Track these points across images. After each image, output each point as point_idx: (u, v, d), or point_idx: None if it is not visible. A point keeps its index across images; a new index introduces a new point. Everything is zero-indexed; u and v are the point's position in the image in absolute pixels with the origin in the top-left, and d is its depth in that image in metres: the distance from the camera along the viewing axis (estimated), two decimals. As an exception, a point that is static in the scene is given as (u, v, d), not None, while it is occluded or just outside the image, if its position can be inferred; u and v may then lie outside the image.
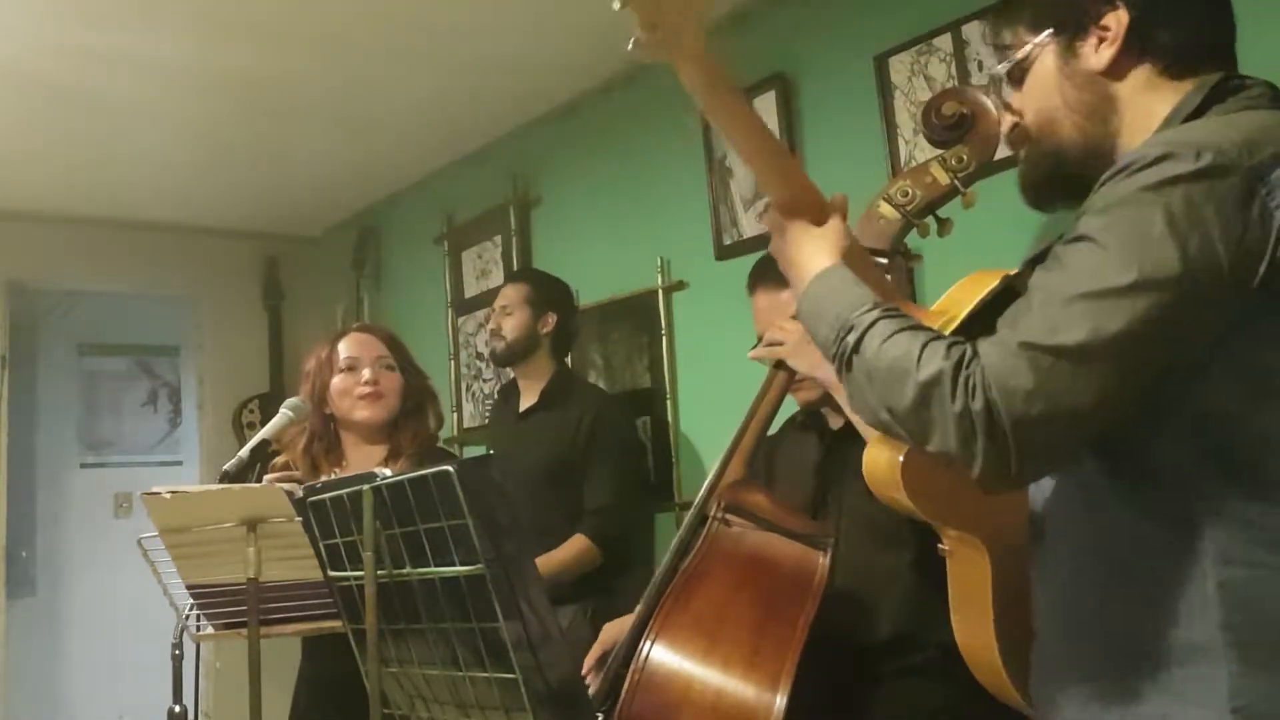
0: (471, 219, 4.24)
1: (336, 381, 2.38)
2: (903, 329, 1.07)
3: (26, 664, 4.92)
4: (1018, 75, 1.22)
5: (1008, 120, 1.26)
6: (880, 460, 1.27)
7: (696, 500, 1.89)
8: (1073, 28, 1.16)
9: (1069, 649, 1.13)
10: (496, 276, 4.07)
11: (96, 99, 3.48)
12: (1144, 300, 0.94)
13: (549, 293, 3.21)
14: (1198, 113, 1.08)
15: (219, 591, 1.90)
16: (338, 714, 2.14)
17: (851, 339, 1.10)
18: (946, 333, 1.17)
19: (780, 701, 1.53)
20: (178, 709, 1.97)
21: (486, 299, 4.15)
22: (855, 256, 1.26)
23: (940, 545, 1.34)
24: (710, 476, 1.90)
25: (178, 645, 1.99)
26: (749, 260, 2.33)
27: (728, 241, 3.10)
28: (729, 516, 1.80)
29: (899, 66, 2.63)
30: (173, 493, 1.78)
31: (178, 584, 1.93)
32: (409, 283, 4.72)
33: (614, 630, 2.00)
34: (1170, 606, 1.02)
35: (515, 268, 3.91)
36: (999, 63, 1.24)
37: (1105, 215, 0.99)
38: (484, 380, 4.17)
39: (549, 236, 3.87)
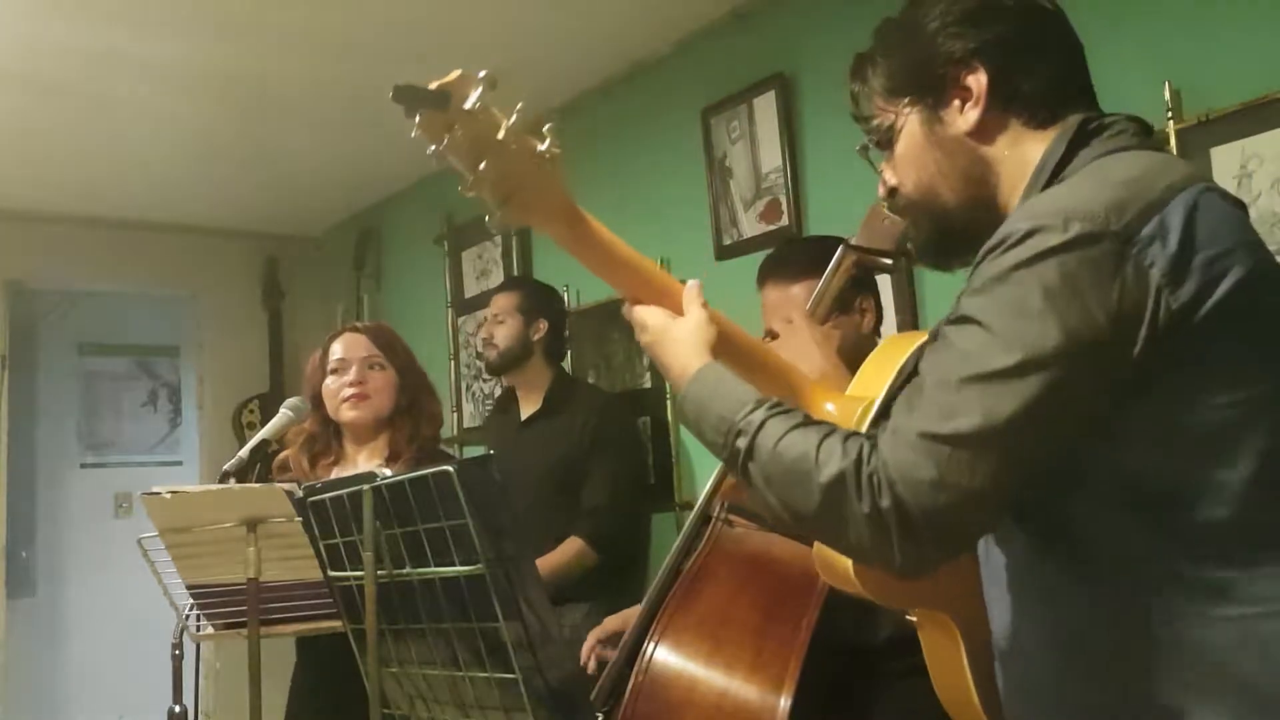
0: (471, 219, 4.23)
1: (327, 383, 2.38)
2: (793, 427, 1.04)
3: (26, 664, 4.92)
4: (885, 143, 1.21)
5: (882, 188, 1.25)
6: (830, 553, 1.20)
7: (699, 500, 1.88)
8: (933, 93, 1.16)
9: (1029, 705, 1.12)
10: (496, 276, 4.07)
11: (96, 99, 3.48)
12: (1032, 379, 0.94)
13: (539, 300, 3.22)
14: (1065, 160, 1.08)
15: (219, 591, 1.90)
16: (333, 715, 2.14)
17: (742, 444, 1.07)
18: (868, 418, 1.18)
19: (784, 704, 1.53)
20: (178, 709, 1.97)
21: (486, 299, 4.13)
22: (731, 344, 1.24)
23: (908, 615, 1.31)
24: (713, 477, 1.90)
25: (178, 645, 1.99)
26: (749, 260, 2.33)
27: (727, 241, 3.10)
28: (732, 517, 1.80)
29: (900, 66, 2.63)
30: (173, 493, 1.78)
31: (178, 584, 1.93)
32: (409, 283, 4.72)
33: (616, 622, 2.00)
34: (1128, 670, 1.01)
35: (515, 268, 3.92)
36: (864, 133, 1.24)
37: (983, 295, 0.98)
38: (484, 380, 4.17)
39: (549, 237, 3.86)
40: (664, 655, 1.63)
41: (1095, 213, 0.96)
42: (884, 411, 1.11)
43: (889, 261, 1.41)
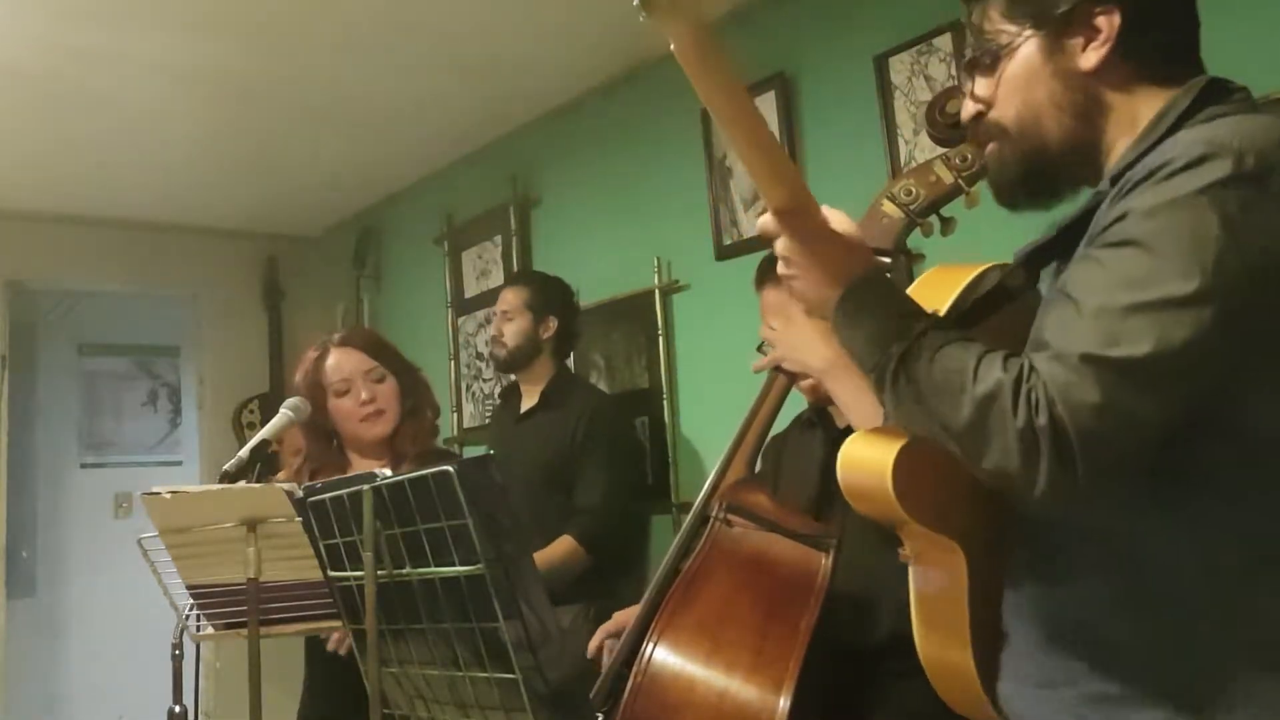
0: (471, 219, 4.24)
1: (335, 405, 2.40)
2: (954, 340, 1.03)
3: (26, 664, 4.92)
4: (989, 63, 1.18)
5: (970, 107, 1.22)
6: (862, 460, 1.19)
7: (698, 500, 1.89)
8: (1060, 24, 1.13)
9: (1064, 655, 1.10)
10: (496, 276, 4.07)
11: (96, 99, 3.48)
12: (1209, 308, 0.92)
13: (550, 296, 3.18)
14: (1190, 113, 1.07)
15: (219, 591, 1.90)
16: (344, 715, 2.14)
17: (897, 350, 1.05)
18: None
19: (784, 704, 1.53)
20: (178, 709, 1.97)
21: (486, 299, 4.15)
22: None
23: (901, 551, 1.28)
24: (711, 477, 1.90)
25: (178, 645, 1.99)
26: (749, 260, 2.33)
27: (728, 241, 3.10)
28: (730, 517, 1.80)
29: (899, 66, 2.63)
30: (173, 493, 1.78)
31: (178, 584, 1.92)
32: (409, 283, 4.72)
33: (623, 617, 2.00)
34: (1190, 614, 1.01)
35: (515, 268, 3.91)
36: (972, 47, 1.20)
37: (1154, 219, 0.96)
38: (484, 380, 4.17)
39: (549, 236, 3.87)
40: (663, 655, 1.63)
41: (1266, 150, 0.96)
42: (954, 324, 1.10)
43: (887, 260, 1.40)
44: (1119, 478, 0.98)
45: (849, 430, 1.90)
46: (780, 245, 1.21)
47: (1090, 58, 1.12)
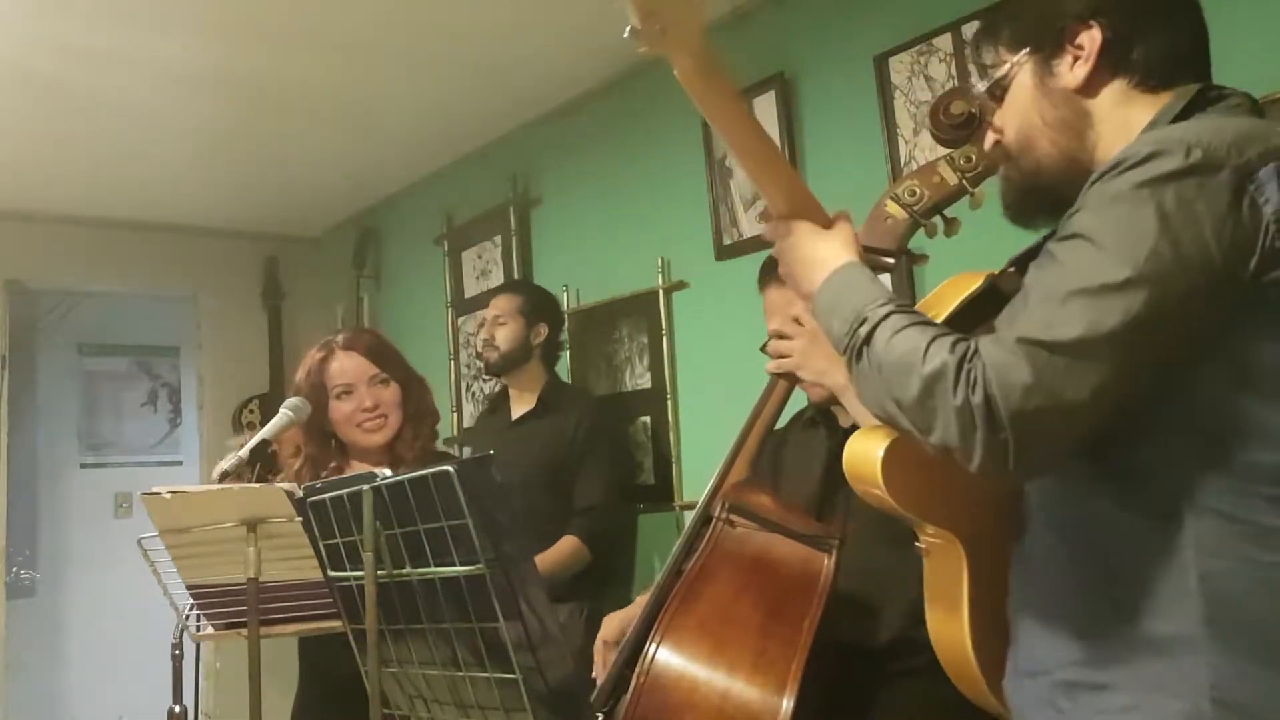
0: (471, 219, 4.24)
1: (335, 408, 2.39)
2: (912, 324, 1.08)
3: (26, 664, 4.92)
4: (998, 93, 1.25)
5: (990, 137, 1.28)
6: (860, 453, 1.26)
7: (700, 501, 1.88)
8: (1048, 46, 1.19)
9: (1043, 643, 1.14)
10: (496, 276, 4.07)
11: (97, 99, 3.47)
12: (1139, 295, 0.96)
13: (541, 304, 3.30)
14: (1181, 119, 1.11)
15: (219, 591, 1.90)
16: (340, 714, 2.14)
17: (864, 331, 1.11)
18: None
19: (787, 705, 1.53)
20: (178, 709, 1.97)
21: (486, 299, 4.14)
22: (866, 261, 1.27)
23: (917, 544, 1.33)
24: (714, 477, 1.90)
25: (178, 645, 1.99)
26: (749, 260, 2.32)
27: (728, 241, 3.10)
28: (733, 517, 1.80)
29: (899, 66, 2.63)
30: (173, 493, 1.78)
31: (178, 584, 1.92)
32: (409, 283, 4.72)
33: (614, 622, 2.00)
34: (1149, 599, 1.03)
35: (515, 268, 3.93)
36: (982, 82, 1.27)
37: (1098, 213, 1.01)
38: (484, 380, 4.17)
39: (549, 236, 3.87)
40: (665, 656, 1.63)
41: (1216, 145, 0.99)
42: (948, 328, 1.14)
43: (890, 260, 1.40)
44: (1053, 455, 1.03)
45: (852, 429, 1.89)
46: (776, 249, 1.29)
47: (1077, 74, 1.17)
